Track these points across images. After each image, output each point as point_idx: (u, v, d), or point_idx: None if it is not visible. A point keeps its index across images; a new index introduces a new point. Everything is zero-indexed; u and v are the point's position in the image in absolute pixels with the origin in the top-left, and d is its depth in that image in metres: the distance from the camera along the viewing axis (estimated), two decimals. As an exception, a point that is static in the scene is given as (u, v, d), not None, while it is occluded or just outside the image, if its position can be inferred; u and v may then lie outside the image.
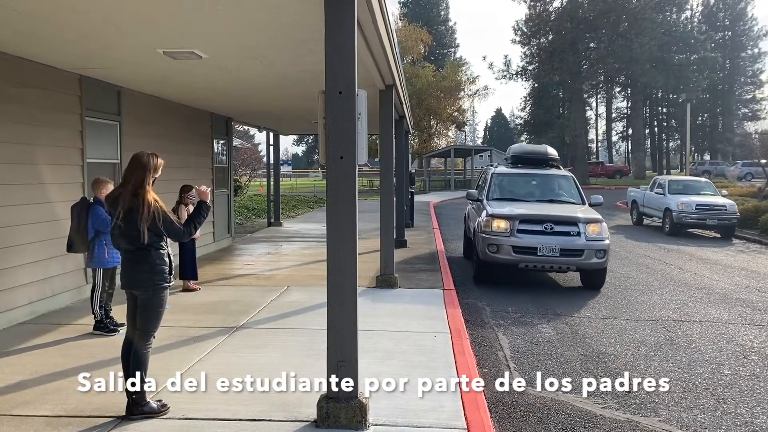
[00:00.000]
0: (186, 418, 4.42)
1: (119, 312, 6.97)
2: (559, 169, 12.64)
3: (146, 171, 4.39)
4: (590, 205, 11.05)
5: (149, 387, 4.55)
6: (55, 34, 6.01)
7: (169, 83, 9.22)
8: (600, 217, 10.13)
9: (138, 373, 4.39)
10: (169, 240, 4.56)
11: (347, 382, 4.24)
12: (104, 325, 6.65)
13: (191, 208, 8.63)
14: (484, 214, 10.41)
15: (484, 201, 11.16)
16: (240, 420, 4.39)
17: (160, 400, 4.60)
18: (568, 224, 9.84)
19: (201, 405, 4.65)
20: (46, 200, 7.60)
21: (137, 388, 4.39)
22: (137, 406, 4.42)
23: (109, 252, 6.47)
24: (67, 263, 7.98)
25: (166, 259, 4.48)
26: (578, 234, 9.74)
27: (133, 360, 4.43)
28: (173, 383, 4.96)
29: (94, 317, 6.67)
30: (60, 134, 7.89)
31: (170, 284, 4.53)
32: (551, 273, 11.09)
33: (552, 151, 12.78)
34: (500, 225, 9.91)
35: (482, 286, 10.33)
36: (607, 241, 9.85)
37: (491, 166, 13.22)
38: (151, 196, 4.34)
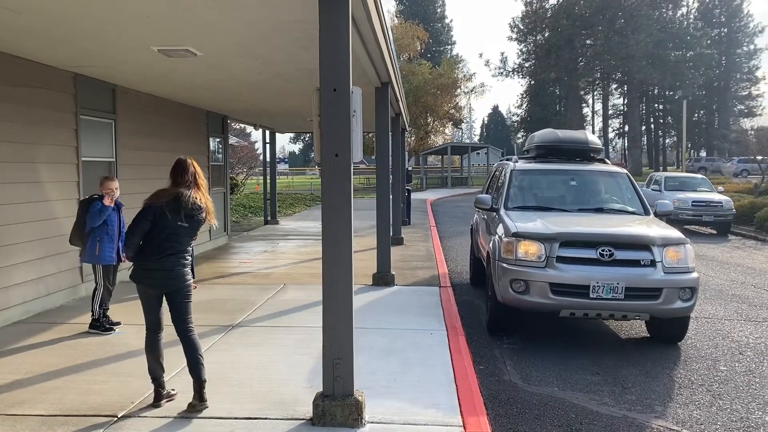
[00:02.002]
0: (182, 417, 4.41)
1: (120, 311, 6.96)
2: (605, 163, 9.09)
3: (202, 172, 4.70)
4: (656, 214, 7.79)
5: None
6: (49, 32, 5.99)
7: (164, 81, 9.20)
8: (681, 235, 6.76)
9: (200, 358, 4.59)
10: None
11: (343, 379, 4.24)
12: (100, 324, 6.63)
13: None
14: (503, 231, 7.09)
15: (502, 211, 7.75)
16: (236, 418, 4.39)
17: (173, 389, 4.81)
18: (636, 248, 6.53)
19: (197, 404, 4.64)
20: (41, 199, 7.58)
21: (204, 375, 4.56)
22: (202, 389, 4.55)
23: (101, 248, 6.43)
24: (61, 262, 7.96)
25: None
26: (652, 263, 6.43)
27: (190, 346, 4.60)
28: (170, 381, 4.98)
29: (92, 315, 6.65)
30: (54, 133, 7.86)
31: None
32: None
33: (594, 139, 9.13)
34: (530, 249, 6.60)
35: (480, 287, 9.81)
36: (694, 274, 6.56)
37: (508, 160, 9.43)
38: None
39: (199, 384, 4.53)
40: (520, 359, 6.37)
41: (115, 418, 4.39)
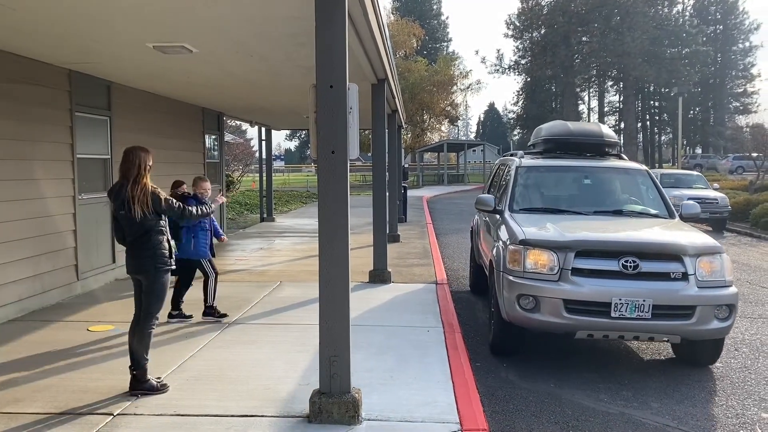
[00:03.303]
0: (178, 414, 4.40)
1: (118, 308, 6.94)
2: (622, 158, 8.17)
3: (140, 161, 4.76)
4: (681, 217, 6.99)
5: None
6: (44, 28, 5.95)
7: (159, 78, 9.16)
8: (716, 243, 5.94)
9: (140, 352, 4.74)
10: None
11: (340, 377, 4.23)
12: (214, 311, 7.07)
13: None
14: (508, 237, 6.25)
15: (507, 214, 6.88)
16: (232, 416, 4.38)
17: (159, 378, 4.91)
18: (665, 259, 5.69)
19: (193, 401, 4.64)
20: (36, 196, 7.55)
21: (139, 365, 4.74)
22: (138, 383, 4.73)
23: (196, 244, 6.90)
24: (57, 260, 7.93)
25: (166, 245, 4.85)
26: (684, 276, 5.59)
27: (137, 339, 4.76)
28: (165, 379, 4.97)
29: (206, 303, 7.04)
30: (49, 130, 7.83)
31: (171, 267, 4.88)
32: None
33: (609, 132, 8.22)
34: (540, 259, 5.76)
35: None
36: (732, 289, 5.70)
37: (513, 156, 8.48)
38: (147, 181, 4.75)
39: (132, 374, 4.77)
40: (516, 356, 6.37)
41: (111, 416, 4.37)
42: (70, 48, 6.88)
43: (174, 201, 4.94)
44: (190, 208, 5.09)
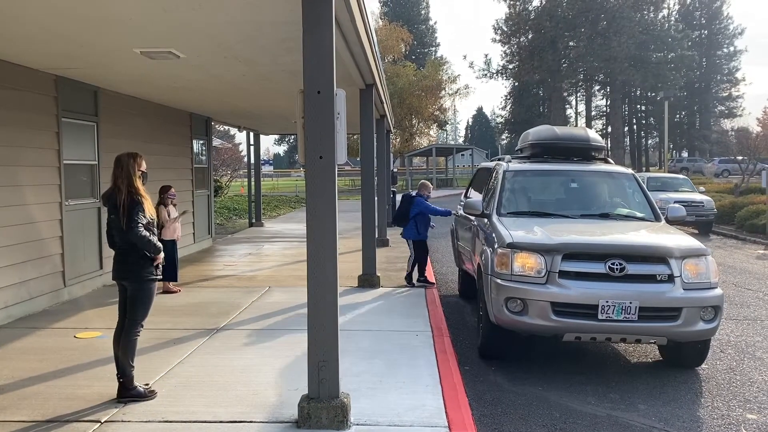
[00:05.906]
0: (166, 421, 4.38)
1: (103, 314, 6.88)
2: (608, 162, 8.26)
3: (127, 168, 4.72)
4: (668, 220, 7.08)
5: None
6: (29, 34, 5.92)
7: (146, 83, 9.13)
8: (702, 245, 6.01)
9: (126, 359, 4.71)
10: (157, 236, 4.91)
11: (328, 382, 4.23)
12: (424, 279, 9.49)
13: (171, 209, 8.59)
14: (496, 240, 6.29)
15: (494, 217, 6.88)
16: (221, 422, 4.37)
17: (147, 385, 4.88)
18: (651, 261, 5.75)
19: (181, 407, 4.62)
20: (22, 202, 7.49)
21: (125, 373, 4.71)
22: (126, 390, 4.70)
23: (419, 229, 9.46)
24: (43, 267, 7.87)
25: None
26: (670, 278, 5.64)
27: (122, 346, 4.73)
28: (153, 385, 4.95)
29: (412, 277, 9.52)
30: (36, 136, 7.78)
31: (158, 277, 4.83)
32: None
33: (595, 137, 8.25)
34: (528, 262, 5.80)
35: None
36: (718, 291, 5.79)
37: (501, 160, 8.48)
38: (132, 189, 4.68)
39: (119, 381, 4.75)
40: (505, 360, 6.39)
41: (99, 423, 4.35)
42: (56, 54, 6.85)
43: (140, 226, 4.59)
44: (150, 239, 4.65)
